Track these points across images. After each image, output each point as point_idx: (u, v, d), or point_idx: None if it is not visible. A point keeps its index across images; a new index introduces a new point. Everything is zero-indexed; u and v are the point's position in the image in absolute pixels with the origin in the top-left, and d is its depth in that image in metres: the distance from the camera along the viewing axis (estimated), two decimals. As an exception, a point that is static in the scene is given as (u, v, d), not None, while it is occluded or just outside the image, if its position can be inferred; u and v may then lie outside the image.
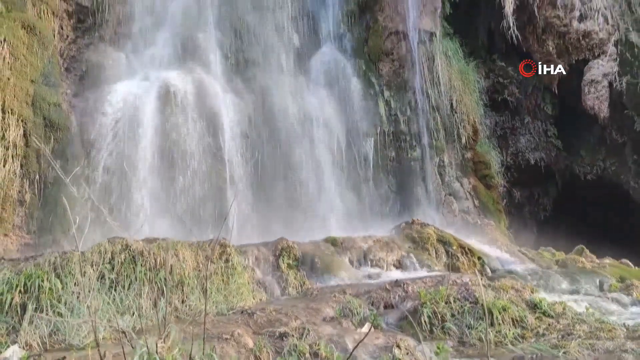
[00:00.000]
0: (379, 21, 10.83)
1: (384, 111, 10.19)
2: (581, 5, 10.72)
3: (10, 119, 7.76)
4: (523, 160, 11.34)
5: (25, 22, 8.58)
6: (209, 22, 9.84)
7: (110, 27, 9.73)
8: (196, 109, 8.68)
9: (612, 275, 7.03)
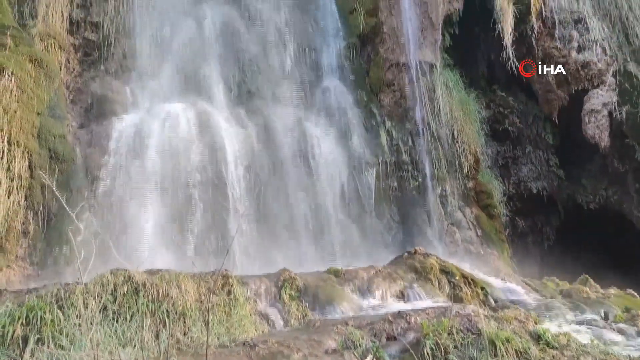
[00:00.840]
0: (380, 53, 11.00)
1: (385, 141, 10.27)
2: (579, 36, 10.89)
3: (16, 150, 7.84)
4: (525, 189, 11.36)
5: (33, 56, 8.74)
6: (212, 55, 10.01)
7: (116, 60, 9.91)
8: (199, 140, 8.77)
9: (617, 305, 6.97)
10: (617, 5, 11.04)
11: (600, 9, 11.18)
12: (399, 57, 10.73)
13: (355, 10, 11.30)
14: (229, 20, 10.53)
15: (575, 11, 11.05)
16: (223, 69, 10.00)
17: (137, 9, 10.29)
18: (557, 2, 11.04)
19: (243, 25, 10.57)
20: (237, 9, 10.74)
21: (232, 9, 10.73)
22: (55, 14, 9.68)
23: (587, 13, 11.02)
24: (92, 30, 10.11)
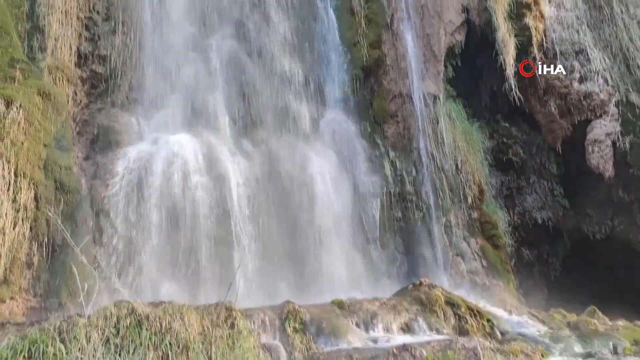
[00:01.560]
0: (383, 84, 11.12)
1: (389, 172, 10.30)
2: (581, 67, 11.00)
3: (22, 182, 7.90)
4: (530, 219, 11.32)
5: (41, 89, 8.87)
6: (218, 86, 10.13)
7: (123, 92, 10.05)
8: (204, 171, 8.82)
9: (626, 337, 6.87)
10: (618, 37, 11.18)
11: (601, 40, 11.32)
12: (402, 88, 10.85)
13: (359, 43, 11.46)
14: (235, 54, 10.68)
15: (576, 42, 11.19)
16: (228, 100, 10.11)
17: (144, 43, 10.47)
18: (558, 34, 11.18)
19: (248, 59, 10.72)
20: (242, 43, 10.90)
21: (237, 43, 10.89)
22: (64, 47, 9.86)
23: (587, 44, 11.16)
24: (100, 63, 10.27)
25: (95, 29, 10.49)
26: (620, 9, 11.38)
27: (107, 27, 10.51)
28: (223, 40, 10.80)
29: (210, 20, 10.94)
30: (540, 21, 11.01)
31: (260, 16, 11.35)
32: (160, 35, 10.65)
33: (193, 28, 10.77)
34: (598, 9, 11.55)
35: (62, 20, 9.92)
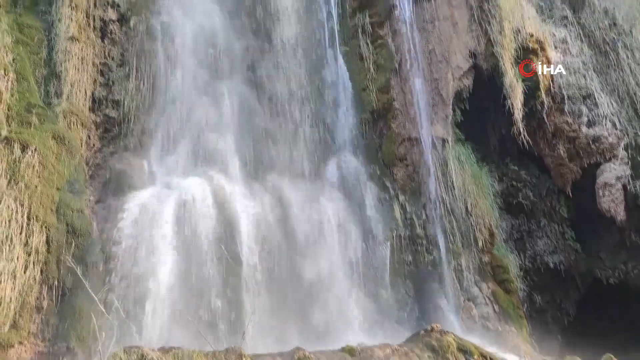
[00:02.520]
0: (392, 128, 11.22)
1: (399, 215, 10.29)
2: (588, 111, 11.07)
3: (34, 225, 7.98)
4: (542, 263, 11.18)
5: (56, 133, 9.06)
6: (229, 131, 10.30)
7: (135, 136, 10.21)
8: (215, 215, 8.87)
9: (644, 386, 6.70)
10: (625, 82, 11.28)
11: (608, 85, 11.43)
12: (411, 132, 10.93)
13: (368, 88, 11.64)
14: (245, 98, 10.90)
15: (583, 87, 11.29)
16: (239, 144, 10.25)
17: (157, 87, 10.71)
18: (565, 79, 11.30)
19: (258, 103, 10.94)
20: (253, 87, 11.14)
21: (248, 87, 11.14)
22: (79, 92, 10.09)
23: (595, 89, 11.26)
24: (113, 107, 10.48)
25: (109, 74, 10.75)
26: (626, 54, 11.52)
27: (122, 72, 10.77)
28: (234, 85, 11.03)
29: (222, 66, 11.21)
30: (547, 66, 11.15)
31: (270, 62, 11.62)
32: (173, 80, 10.90)
33: (205, 73, 11.02)
34: (604, 55, 11.71)
35: (78, 66, 10.18)
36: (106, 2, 11.21)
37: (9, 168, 8.15)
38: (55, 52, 10.14)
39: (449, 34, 11.52)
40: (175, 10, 11.66)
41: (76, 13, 10.65)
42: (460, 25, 11.54)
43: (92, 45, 10.70)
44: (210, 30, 11.50)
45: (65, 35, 10.27)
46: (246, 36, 11.84)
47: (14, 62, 9.56)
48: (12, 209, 7.77)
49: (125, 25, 11.28)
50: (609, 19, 12.01)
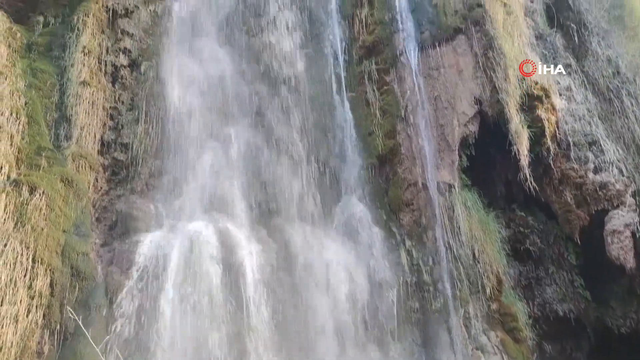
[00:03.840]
0: (398, 173, 11.25)
1: (406, 261, 10.20)
2: (594, 158, 11.08)
3: (39, 268, 7.95)
4: (551, 311, 10.98)
5: (64, 176, 9.13)
6: (235, 175, 10.35)
7: (142, 179, 10.27)
8: (220, 259, 8.83)
9: None
10: (630, 129, 11.34)
11: (613, 132, 11.49)
12: (417, 177, 10.95)
13: (374, 133, 11.74)
14: (253, 141, 10.99)
15: (588, 134, 11.35)
16: (246, 188, 10.29)
17: (166, 131, 10.83)
18: (570, 126, 11.37)
19: (266, 147, 11.01)
20: (260, 132, 11.25)
21: (256, 131, 11.25)
22: (88, 136, 10.23)
23: (600, 136, 11.31)
24: (122, 150, 10.59)
25: (119, 118, 10.92)
26: (630, 102, 11.62)
27: (131, 116, 10.94)
28: (242, 129, 11.15)
29: (230, 110, 11.36)
30: (552, 113, 11.23)
31: (278, 106, 11.77)
32: (181, 124, 11.04)
33: (214, 117, 11.16)
34: (608, 102, 11.81)
35: (88, 110, 10.36)
36: (118, 48, 11.50)
37: (16, 210, 8.18)
38: (66, 96, 10.33)
39: (454, 81, 11.67)
40: (185, 56, 11.92)
41: (89, 58, 10.91)
42: (466, 73, 11.69)
43: (103, 89, 10.91)
44: (219, 76, 11.72)
45: (77, 80, 10.49)
46: (255, 81, 12.03)
47: (26, 105, 9.75)
48: (17, 251, 7.76)
49: (136, 70, 11.53)
50: (612, 67, 12.17)
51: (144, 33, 12.01)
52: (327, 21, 13.18)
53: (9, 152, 8.87)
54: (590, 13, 12.86)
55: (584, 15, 12.80)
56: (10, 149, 8.95)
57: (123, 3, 12.09)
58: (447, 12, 12.37)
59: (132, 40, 11.75)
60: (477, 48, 11.72)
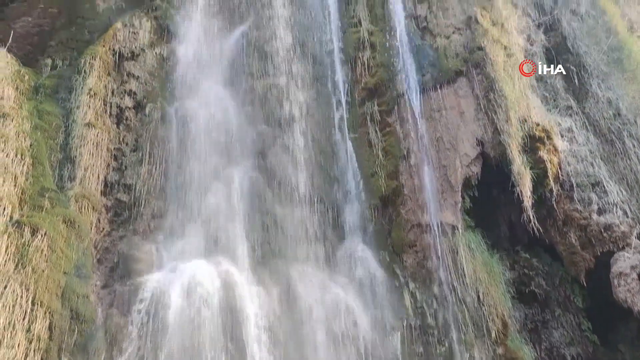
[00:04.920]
0: (401, 214, 11.20)
1: (409, 304, 10.05)
2: (598, 199, 11.04)
3: (38, 311, 7.87)
4: (559, 356, 10.73)
5: (67, 217, 9.14)
6: (238, 216, 10.33)
7: (145, 220, 10.28)
8: (221, 302, 8.73)
9: None
10: (633, 170, 11.34)
11: (616, 173, 11.47)
12: (420, 218, 10.90)
13: (377, 174, 11.75)
14: (255, 183, 11.02)
15: (591, 175, 11.34)
16: (248, 229, 10.26)
17: (169, 172, 10.91)
18: (573, 167, 11.38)
19: (268, 189, 11.03)
20: (263, 173, 11.28)
21: (258, 172, 11.28)
22: (92, 177, 10.29)
23: (603, 177, 11.29)
24: (125, 191, 10.64)
25: (123, 159, 11.01)
26: (632, 143, 11.65)
27: (135, 157, 11.03)
28: (245, 171, 11.20)
29: (233, 152, 11.44)
30: (555, 154, 11.26)
31: (281, 148, 11.83)
32: (185, 165, 11.11)
33: (217, 159, 11.23)
34: (610, 143, 11.84)
35: (92, 151, 10.45)
36: (124, 90, 11.69)
37: (17, 252, 8.16)
38: (71, 137, 10.45)
39: (456, 123, 11.76)
40: (189, 98, 12.09)
41: (94, 100, 11.08)
42: (467, 114, 11.79)
43: (108, 131, 11.04)
44: (223, 117, 11.85)
45: (82, 121, 10.64)
46: (258, 123, 12.14)
47: (31, 147, 9.84)
48: (17, 294, 7.70)
49: (140, 112, 11.69)
50: (613, 109, 12.25)
51: (149, 75, 12.23)
52: (329, 64, 13.38)
53: (13, 193, 8.90)
54: (590, 56, 13.02)
55: (583, 57, 12.97)
56: (14, 189, 8.99)
57: (129, 46, 12.37)
58: (448, 55, 12.58)
59: (138, 83, 11.96)
60: (478, 90, 11.85)
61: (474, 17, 12.61)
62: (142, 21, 12.97)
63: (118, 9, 13.77)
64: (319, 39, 13.55)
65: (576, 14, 13.58)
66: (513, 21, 12.91)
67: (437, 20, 13.43)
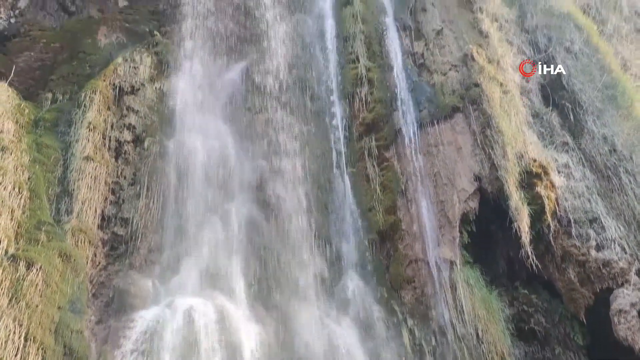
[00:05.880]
0: (399, 249, 11.16)
1: (408, 340, 9.92)
2: (596, 235, 11.01)
3: (31, 347, 7.73)
4: (561, 395, 10.59)
5: (63, 251, 9.07)
6: (235, 251, 10.30)
7: (141, 254, 10.21)
8: (217, 337, 8.60)
9: None
10: (630, 206, 11.33)
11: (613, 209, 11.46)
12: (419, 254, 10.85)
13: (375, 208, 11.75)
14: (253, 217, 11.02)
15: (588, 211, 11.32)
16: (245, 264, 10.21)
17: (166, 206, 10.90)
18: (570, 203, 11.38)
19: (265, 223, 11.02)
20: (261, 207, 11.30)
21: (256, 206, 11.30)
22: (89, 210, 10.27)
23: (600, 213, 11.27)
24: (122, 225, 10.60)
25: (120, 192, 11.01)
26: (628, 179, 11.67)
27: (132, 191, 11.04)
28: (243, 205, 11.21)
29: (232, 186, 11.46)
30: (552, 190, 11.28)
31: (279, 182, 11.86)
32: (182, 199, 11.11)
33: (215, 193, 11.25)
34: (606, 179, 11.87)
35: (90, 185, 10.45)
36: (123, 124, 11.77)
37: (12, 286, 8.05)
38: (69, 170, 10.47)
39: (453, 158, 11.82)
40: (188, 132, 12.16)
41: (93, 134, 11.14)
42: (464, 150, 11.87)
43: (106, 164, 11.06)
44: (221, 152, 11.92)
45: (81, 155, 10.67)
46: (256, 157, 12.21)
47: (29, 180, 9.84)
48: (10, 329, 7.57)
49: (139, 145, 11.75)
50: (608, 145, 12.31)
51: (148, 109, 12.32)
52: (328, 99, 13.53)
53: (9, 227, 8.85)
54: (584, 92, 13.16)
55: (578, 94, 13.10)
56: (11, 223, 8.95)
57: (130, 81, 12.51)
58: (445, 92, 12.75)
59: (137, 117, 12.04)
60: (475, 126, 11.96)
61: (470, 54, 12.81)
62: (142, 56, 13.14)
63: (119, 44, 14.00)
64: (318, 74, 13.73)
65: (570, 52, 13.77)
66: (508, 58, 13.11)
67: (434, 57, 13.66)
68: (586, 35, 13.90)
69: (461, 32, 13.83)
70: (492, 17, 14.01)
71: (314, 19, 14.94)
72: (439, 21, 14.36)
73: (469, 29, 13.85)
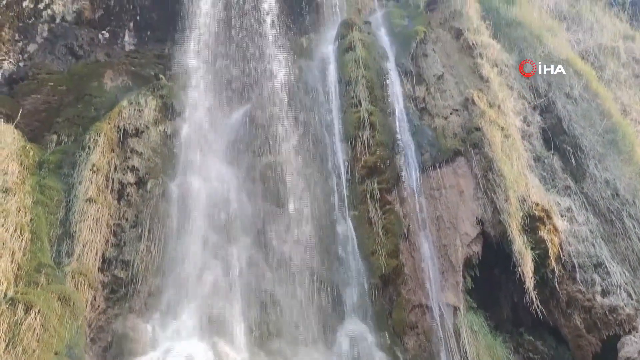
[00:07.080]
0: (402, 294, 11.00)
1: (411, 388, 9.72)
2: (601, 280, 10.89)
3: (26, 396, 7.57)
4: None
5: (62, 294, 8.99)
6: (236, 296, 10.18)
7: (141, 298, 10.11)
8: (217, 385, 8.45)
9: None
10: (634, 251, 11.23)
11: (618, 254, 11.36)
12: (422, 298, 10.70)
13: (377, 252, 11.63)
14: (254, 261, 10.94)
15: (593, 255, 11.23)
16: (245, 309, 10.08)
17: (167, 249, 10.85)
18: (574, 247, 11.30)
19: (267, 266, 10.94)
20: (262, 250, 11.23)
21: (258, 250, 11.23)
22: (90, 252, 10.22)
23: (605, 257, 11.18)
24: (123, 268, 10.54)
25: (122, 235, 10.99)
26: (632, 223, 11.60)
27: (134, 233, 11.01)
28: (244, 249, 11.14)
29: (233, 229, 11.42)
30: (555, 234, 11.21)
31: (281, 225, 11.82)
32: (183, 242, 11.07)
33: (216, 236, 11.20)
34: (610, 223, 11.81)
35: (92, 227, 10.43)
36: (126, 166, 11.83)
37: (9, 330, 7.94)
38: (72, 212, 10.47)
39: (455, 202, 11.80)
40: (191, 175, 12.22)
41: (97, 176, 11.19)
42: (467, 193, 11.86)
43: (109, 206, 11.07)
44: (223, 195, 11.94)
45: (84, 197, 10.69)
46: (258, 200, 12.21)
47: (31, 222, 9.84)
48: (4, 376, 7.45)
49: (142, 187, 11.78)
50: (610, 189, 12.30)
51: (152, 152, 12.41)
52: (330, 142, 13.61)
53: (9, 269, 8.80)
54: (585, 137, 13.24)
55: (579, 139, 13.18)
56: (10, 265, 8.90)
57: (134, 123, 12.64)
58: (447, 135, 12.85)
59: (141, 159, 12.12)
60: (477, 170, 11.98)
61: (470, 99, 12.97)
62: (147, 99, 13.30)
63: (125, 87, 14.23)
64: (320, 118, 13.86)
65: (570, 97, 13.93)
66: (509, 103, 13.26)
67: (435, 102, 13.83)
68: (585, 81, 14.09)
69: (462, 77, 14.05)
70: (492, 62, 14.23)
71: (317, 64, 15.20)
72: (440, 66, 14.61)
73: (469, 73, 14.06)
